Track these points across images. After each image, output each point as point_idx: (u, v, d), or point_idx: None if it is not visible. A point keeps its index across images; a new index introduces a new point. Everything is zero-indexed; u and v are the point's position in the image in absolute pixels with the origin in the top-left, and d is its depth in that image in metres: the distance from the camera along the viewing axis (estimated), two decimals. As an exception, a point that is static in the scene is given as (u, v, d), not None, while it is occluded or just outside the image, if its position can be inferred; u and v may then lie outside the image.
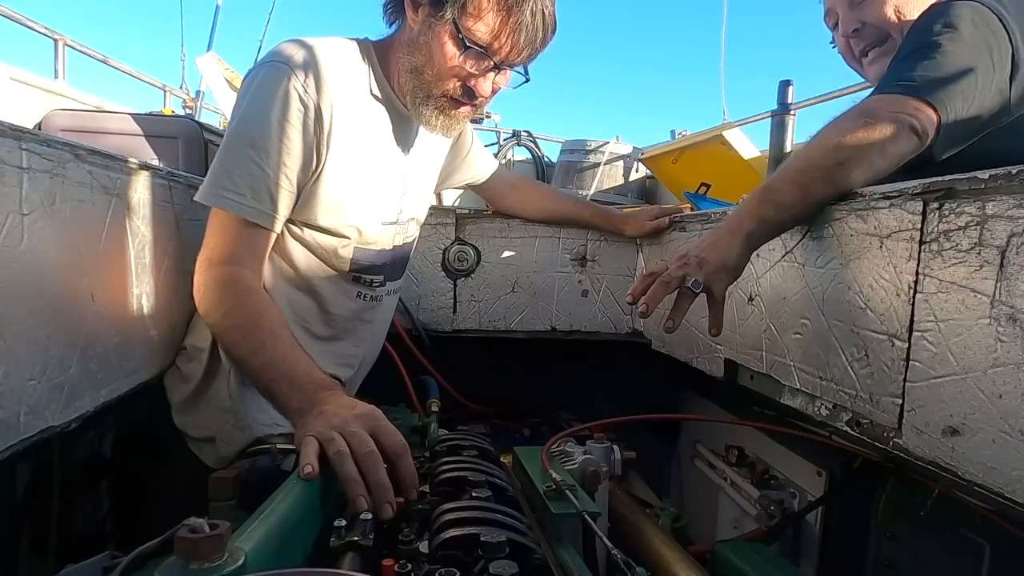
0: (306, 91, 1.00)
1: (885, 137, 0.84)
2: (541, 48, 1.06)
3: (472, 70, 1.04)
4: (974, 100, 0.91)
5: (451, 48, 1.02)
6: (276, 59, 1.01)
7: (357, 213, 1.12)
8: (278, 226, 1.04)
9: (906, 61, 0.94)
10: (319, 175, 1.06)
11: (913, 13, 1.10)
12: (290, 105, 0.99)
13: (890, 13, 1.12)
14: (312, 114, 1.01)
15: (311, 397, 0.83)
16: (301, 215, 1.08)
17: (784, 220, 0.88)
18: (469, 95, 1.07)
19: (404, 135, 1.19)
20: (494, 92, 1.10)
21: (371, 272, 1.20)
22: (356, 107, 1.09)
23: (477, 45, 1.01)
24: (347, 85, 1.07)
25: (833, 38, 1.28)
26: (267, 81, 1.00)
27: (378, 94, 1.13)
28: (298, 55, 1.02)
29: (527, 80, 1.12)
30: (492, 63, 1.04)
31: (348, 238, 1.14)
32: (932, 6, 1.04)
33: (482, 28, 1.00)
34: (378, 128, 1.13)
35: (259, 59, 1.07)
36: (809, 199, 0.86)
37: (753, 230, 0.87)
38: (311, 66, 1.02)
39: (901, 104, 0.88)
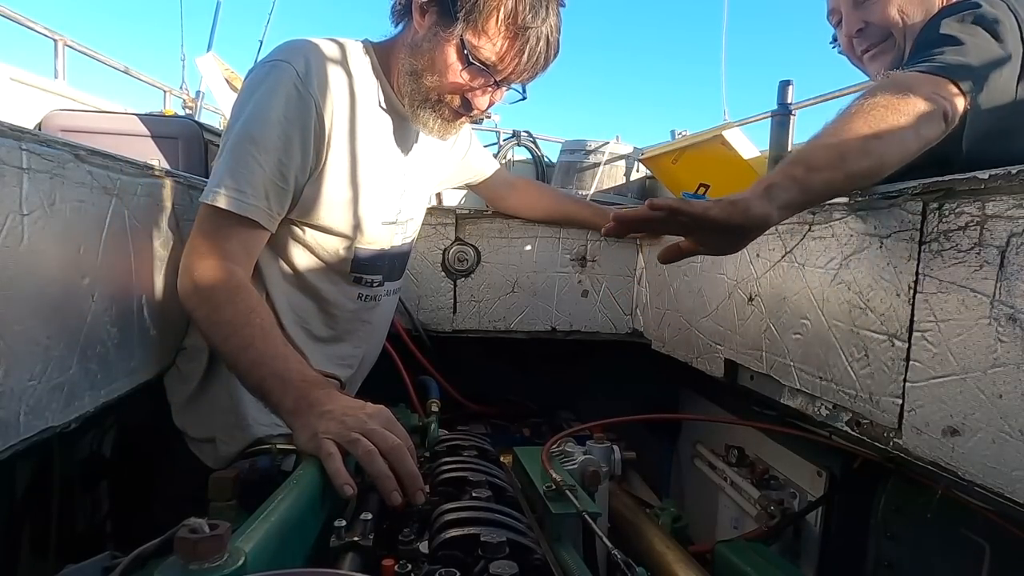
0: (308, 90, 1.00)
1: (920, 115, 0.79)
2: (542, 71, 1.08)
3: (472, 85, 1.05)
4: (995, 95, 0.90)
5: (454, 61, 1.02)
6: (279, 58, 1.02)
7: (358, 212, 1.12)
8: (274, 225, 1.04)
9: (935, 46, 0.91)
10: (320, 174, 1.06)
11: (917, 14, 1.11)
12: (292, 104, 0.99)
13: (894, 14, 1.13)
14: (313, 113, 1.01)
15: (306, 396, 0.83)
16: (303, 215, 1.08)
17: (815, 184, 0.77)
18: (466, 107, 1.09)
19: (404, 134, 1.19)
20: (490, 106, 1.11)
21: (371, 272, 1.20)
22: (357, 107, 1.09)
23: (481, 63, 1.02)
24: (348, 85, 1.07)
25: (833, 36, 1.29)
26: (270, 79, 1.00)
27: (379, 94, 1.13)
28: (300, 54, 1.02)
29: (524, 98, 1.13)
30: (493, 81, 1.05)
31: (349, 238, 1.14)
32: (947, 6, 1.05)
33: (488, 47, 1.01)
34: (378, 127, 1.13)
35: (261, 58, 1.08)
36: (844, 167, 0.77)
37: (777, 182, 0.76)
38: (313, 65, 1.02)
39: (937, 85, 0.84)
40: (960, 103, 0.85)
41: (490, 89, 1.07)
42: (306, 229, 1.11)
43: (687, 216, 0.73)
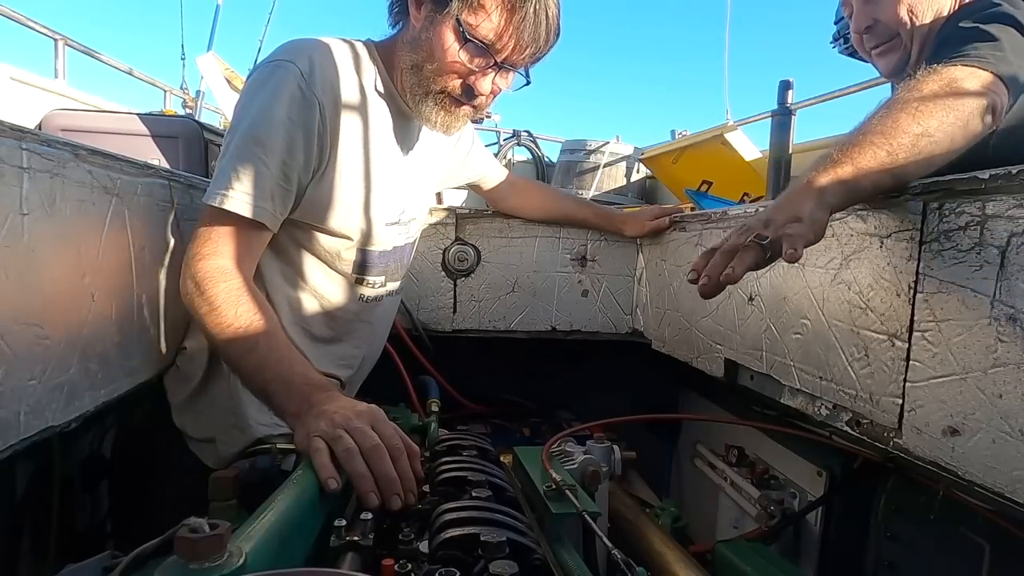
0: (311, 90, 1.00)
1: (970, 111, 0.77)
2: (544, 50, 1.06)
3: (472, 67, 1.03)
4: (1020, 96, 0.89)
5: (452, 43, 1.01)
6: (282, 58, 1.01)
7: (361, 214, 1.12)
8: (277, 226, 1.04)
9: (966, 41, 0.90)
10: (322, 175, 1.06)
11: (926, 15, 1.11)
12: (296, 104, 0.99)
13: (903, 13, 1.12)
14: (317, 113, 1.01)
15: (308, 399, 0.83)
16: (305, 216, 1.08)
17: (863, 186, 0.75)
18: (469, 94, 1.07)
19: (406, 134, 1.19)
20: (494, 94, 1.09)
21: (373, 273, 1.20)
22: (359, 107, 1.08)
23: (479, 41, 1.00)
24: (350, 85, 1.07)
25: (833, 36, 1.29)
26: (274, 79, 1.00)
27: (381, 93, 1.13)
28: (303, 54, 1.02)
29: (528, 83, 1.11)
30: (493, 61, 1.03)
31: (351, 239, 1.13)
32: (964, 6, 1.05)
33: (485, 25, 1.00)
34: (381, 128, 1.13)
35: (263, 58, 1.07)
36: (893, 169, 0.74)
37: (827, 186, 0.74)
38: (316, 65, 1.02)
39: (984, 80, 0.82)
40: (1006, 99, 0.83)
41: (491, 71, 1.05)
42: (308, 230, 1.11)
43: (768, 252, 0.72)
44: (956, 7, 1.10)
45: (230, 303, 0.91)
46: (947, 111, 0.76)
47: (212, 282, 0.93)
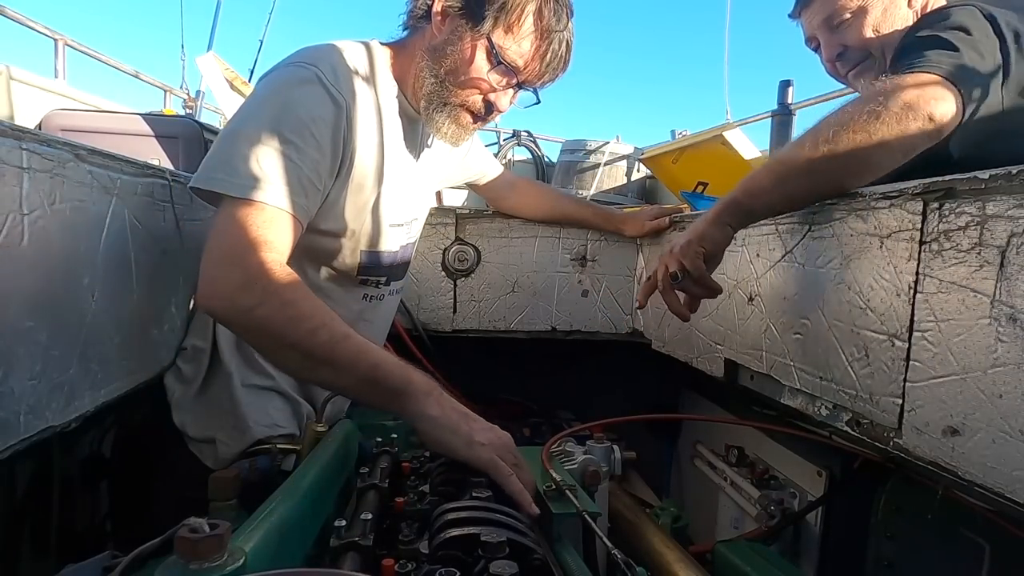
0: (340, 93, 1.00)
1: (892, 128, 0.77)
2: (558, 76, 1.11)
3: (496, 85, 1.07)
4: (987, 98, 0.89)
5: (482, 62, 1.04)
6: (305, 61, 1.00)
7: (369, 216, 1.12)
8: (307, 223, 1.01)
9: (919, 49, 0.89)
10: (338, 177, 1.05)
11: (891, 29, 1.13)
12: (325, 105, 0.98)
13: (869, 33, 1.14)
14: (344, 117, 1.00)
15: (432, 388, 0.87)
16: (315, 219, 1.07)
17: (756, 207, 0.89)
18: (488, 109, 1.10)
19: (413, 137, 1.20)
20: (508, 106, 1.13)
21: (377, 273, 1.20)
22: (375, 111, 1.09)
23: (508, 64, 1.04)
24: (367, 89, 1.07)
25: None
26: (295, 79, 0.98)
27: (391, 97, 1.13)
28: (324, 59, 1.01)
29: (538, 102, 1.16)
30: (516, 82, 1.07)
31: (357, 240, 1.13)
32: (923, 16, 1.06)
33: (514, 48, 1.04)
34: (392, 131, 1.13)
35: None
36: (782, 190, 0.85)
37: (722, 209, 0.90)
38: (339, 70, 1.02)
39: (922, 86, 0.81)
40: (952, 104, 0.82)
41: (511, 91, 1.10)
42: (313, 231, 1.10)
43: (687, 279, 0.91)
44: (918, 17, 1.11)
45: (302, 296, 0.88)
46: (853, 133, 0.79)
47: (273, 275, 0.87)
